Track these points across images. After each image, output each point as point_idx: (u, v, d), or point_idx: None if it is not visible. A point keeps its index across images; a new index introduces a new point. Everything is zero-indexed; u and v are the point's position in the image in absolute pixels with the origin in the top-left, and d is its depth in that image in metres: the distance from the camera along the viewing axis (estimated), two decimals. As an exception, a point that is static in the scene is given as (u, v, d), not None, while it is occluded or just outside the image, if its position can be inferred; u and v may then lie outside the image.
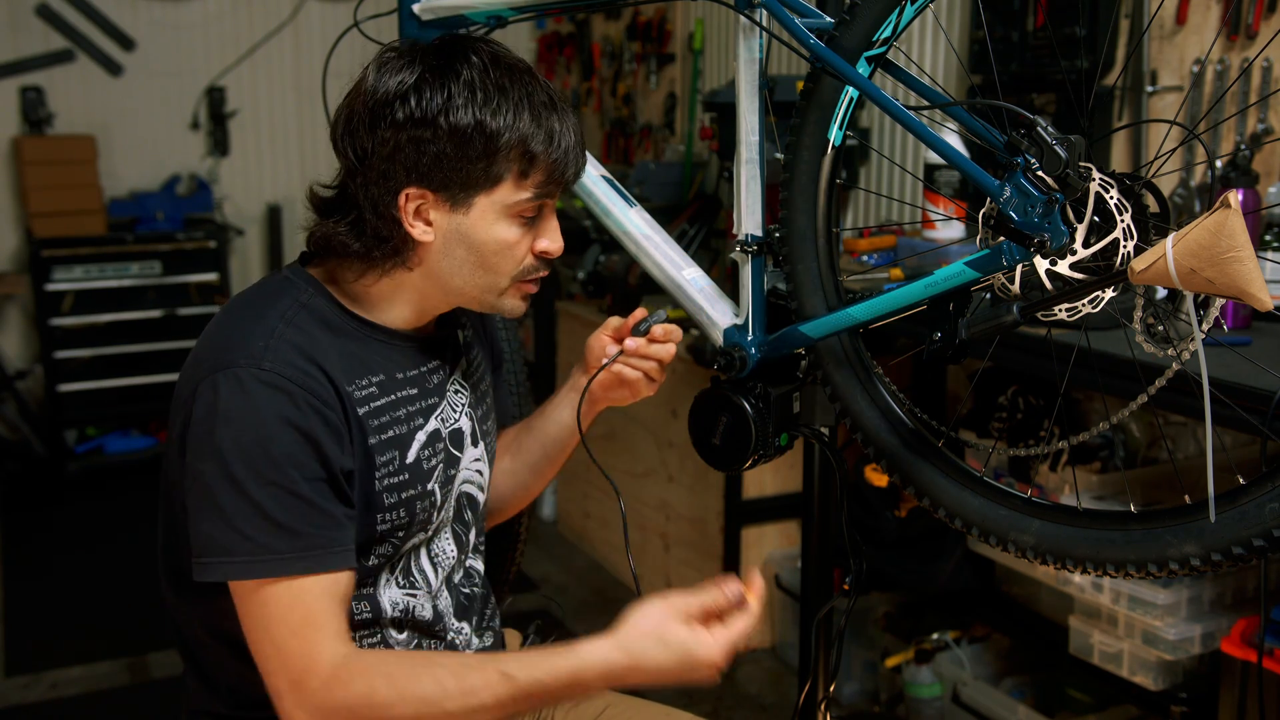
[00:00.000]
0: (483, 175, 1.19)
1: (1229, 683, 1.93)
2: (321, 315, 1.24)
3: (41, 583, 3.60)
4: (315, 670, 1.13)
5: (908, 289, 1.18)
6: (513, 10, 1.45)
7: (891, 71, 1.24)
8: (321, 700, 1.13)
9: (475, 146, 1.17)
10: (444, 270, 1.24)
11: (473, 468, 1.40)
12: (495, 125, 1.17)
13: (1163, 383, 1.11)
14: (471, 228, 1.22)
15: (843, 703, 2.87)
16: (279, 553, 1.14)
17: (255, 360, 1.16)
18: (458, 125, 1.16)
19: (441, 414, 1.34)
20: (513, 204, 1.21)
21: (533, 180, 1.21)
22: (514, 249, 1.24)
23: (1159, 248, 0.96)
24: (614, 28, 4.63)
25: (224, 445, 1.14)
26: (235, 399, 1.14)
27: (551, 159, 1.20)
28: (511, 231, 1.23)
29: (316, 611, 1.15)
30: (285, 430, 1.14)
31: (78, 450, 4.54)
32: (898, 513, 2.62)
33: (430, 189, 1.19)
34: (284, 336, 1.19)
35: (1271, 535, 1.00)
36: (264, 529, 1.13)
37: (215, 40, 4.80)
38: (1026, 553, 1.16)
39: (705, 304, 1.39)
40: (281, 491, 1.14)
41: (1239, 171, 2.04)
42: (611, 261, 3.56)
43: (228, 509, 1.14)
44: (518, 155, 1.19)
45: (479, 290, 1.26)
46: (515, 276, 1.26)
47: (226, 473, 1.13)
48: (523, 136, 1.18)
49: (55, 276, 4.29)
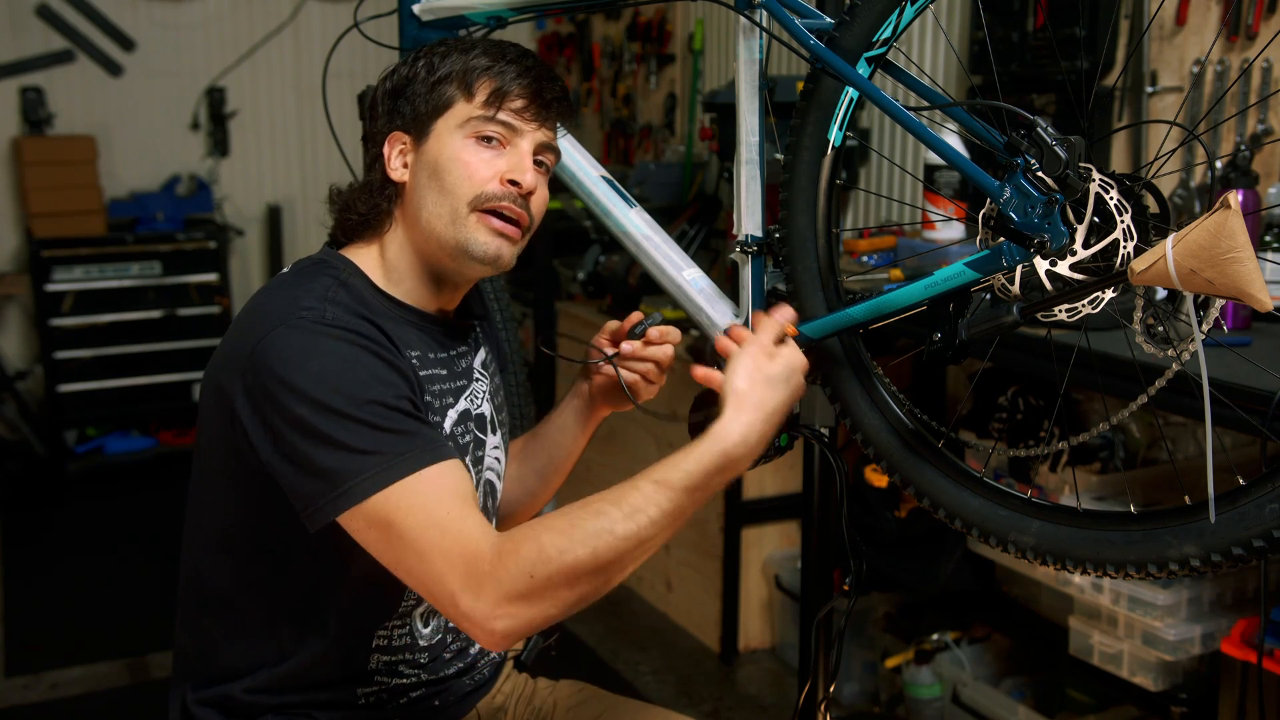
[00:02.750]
0: (434, 102, 1.28)
1: (1229, 683, 1.93)
2: (359, 294, 1.27)
3: (41, 583, 3.60)
4: (481, 553, 1.10)
5: (908, 290, 1.18)
6: (513, 11, 1.45)
7: (891, 72, 1.24)
8: (500, 577, 1.09)
9: (427, 80, 1.29)
10: (416, 205, 1.28)
11: (493, 455, 1.43)
12: (444, 63, 1.29)
13: (1163, 383, 1.11)
14: (430, 151, 1.28)
15: (843, 703, 2.87)
16: (404, 452, 1.13)
17: (316, 314, 1.19)
18: (416, 70, 1.30)
19: (470, 396, 1.37)
20: (464, 120, 1.27)
21: (478, 97, 1.27)
22: (470, 168, 1.26)
23: (1159, 248, 0.96)
24: (614, 28, 4.63)
25: (310, 383, 1.14)
26: (306, 341, 1.16)
27: (493, 75, 1.27)
28: (468, 150, 1.27)
29: (457, 505, 1.13)
30: (364, 355, 1.17)
31: (78, 450, 4.54)
32: (898, 513, 2.62)
33: (402, 130, 1.30)
34: (334, 300, 1.22)
35: (1271, 536, 1.00)
36: (383, 439, 1.13)
37: (215, 41, 4.80)
38: (1026, 553, 1.16)
39: (705, 305, 1.39)
40: (379, 407, 1.15)
41: (1239, 172, 2.04)
42: (611, 262, 3.56)
43: (339, 436, 1.13)
44: (461, 76, 1.27)
45: (443, 222, 1.27)
46: (474, 201, 1.26)
47: (325, 405, 1.13)
48: (467, 60, 1.28)
49: (55, 277, 4.29)
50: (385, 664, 1.33)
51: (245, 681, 1.30)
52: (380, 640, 1.32)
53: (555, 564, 1.08)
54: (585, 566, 1.09)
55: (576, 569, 1.09)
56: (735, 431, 1.15)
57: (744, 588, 3.10)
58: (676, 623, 3.32)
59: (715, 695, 2.96)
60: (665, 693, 2.97)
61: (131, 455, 4.60)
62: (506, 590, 1.08)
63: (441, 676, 1.39)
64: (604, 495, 1.13)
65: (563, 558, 1.08)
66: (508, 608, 1.09)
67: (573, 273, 3.79)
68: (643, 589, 3.48)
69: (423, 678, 1.37)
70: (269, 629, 1.30)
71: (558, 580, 1.09)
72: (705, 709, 2.89)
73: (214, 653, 1.33)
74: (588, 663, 3.08)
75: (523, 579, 1.08)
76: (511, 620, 1.10)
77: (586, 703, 1.52)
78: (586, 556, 1.09)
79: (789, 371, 1.20)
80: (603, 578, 1.11)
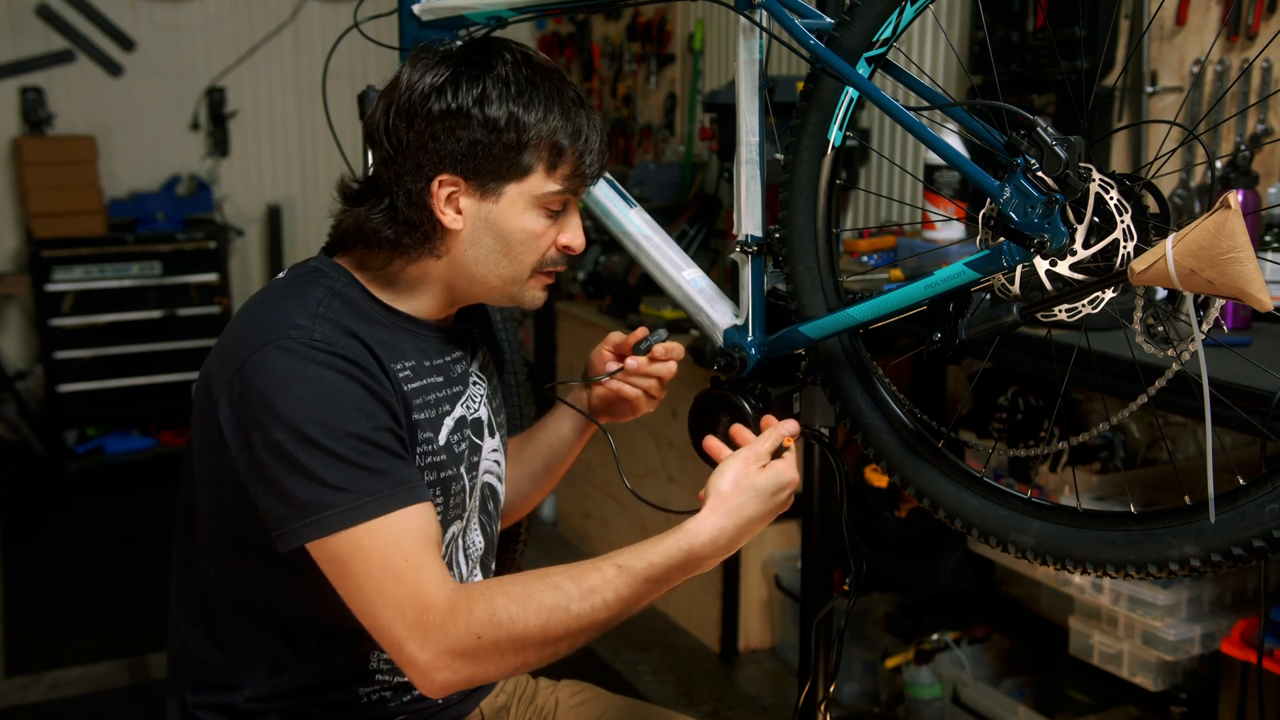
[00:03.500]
0: (514, 165, 1.22)
1: (1229, 683, 1.93)
2: (353, 304, 1.26)
3: (41, 583, 3.60)
4: (432, 606, 1.11)
5: (908, 290, 1.18)
6: (513, 11, 1.45)
7: (891, 72, 1.24)
8: (449, 631, 1.11)
9: (508, 136, 1.21)
10: (470, 259, 1.27)
11: (492, 458, 1.43)
12: (527, 118, 1.21)
13: (1163, 383, 1.11)
14: (500, 216, 1.25)
15: (843, 703, 2.87)
16: (375, 493, 1.14)
17: (305, 333, 1.17)
18: (491, 116, 1.21)
19: (466, 402, 1.37)
20: (541, 195, 1.25)
21: (561, 172, 1.25)
22: (539, 239, 1.27)
23: (1159, 248, 0.96)
24: (614, 28, 4.63)
25: (291, 409, 1.14)
26: (292, 365, 1.15)
27: (579, 153, 1.25)
28: (538, 222, 1.26)
29: (417, 551, 1.14)
30: (348, 384, 1.16)
31: (78, 450, 4.54)
32: (898, 513, 2.62)
33: (463, 177, 1.23)
34: (325, 316, 1.21)
35: (1271, 536, 1.00)
36: (355, 476, 1.13)
37: (215, 41, 4.80)
38: (1026, 553, 1.16)
39: (705, 305, 1.39)
40: (356, 440, 1.14)
41: (1239, 172, 2.04)
42: (611, 262, 3.56)
43: (311, 467, 1.13)
44: (547, 147, 1.23)
45: (502, 280, 1.28)
46: (536, 267, 1.29)
47: (301, 434, 1.13)
48: (553, 129, 1.22)
49: (55, 277, 4.29)
50: (386, 662, 1.33)
51: (245, 691, 1.30)
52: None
53: (504, 630, 1.11)
54: (533, 638, 1.12)
55: (524, 639, 1.12)
56: (705, 533, 1.16)
57: (744, 588, 3.10)
58: (676, 623, 3.33)
59: (715, 695, 2.96)
60: (665, 693, 2.97)
61: (131, 455, 4.60)
62: (453, 646, 1.11)
63: None
64: (565, 570, 1.16)
65: (513, 626, 1.11)
66: (450, 662, 1.11)
67: (572, 273, 3.79)
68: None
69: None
70: (261, 629, 1.29)
71: (504, 646, 1.12)
72: (705, 709, 2.89)
73: (209, 656, 1.32)
74: (588, 663, 3.08)
75: (470, 638, 1.11)
76: (452, 674, 1.13)
77: (587, 702, 1.53)
78: (536, 629, 1.11)
79: (776, 486, 1.20)
80: (549, 650, 1.14)
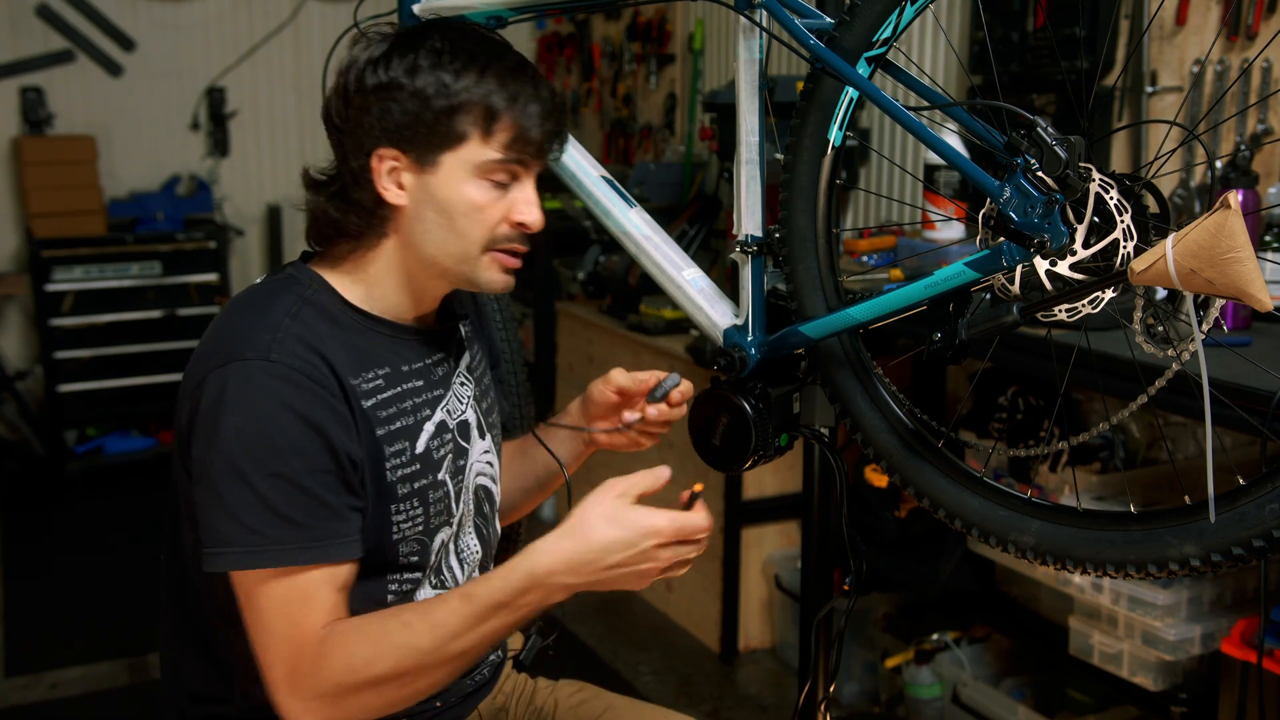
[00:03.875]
0: (448, 132, 1.20)
1: (1229, 683, 1.93)
2: (325, 310, 1.25)
3: (41, 583, 3.60)
4: (306, 653, 1.15)
5: (908, 289, 1.18)
6: (513, 10, 1.45)
7: (891, 72, 1.23)
8: (314, 680, 1.14)
9: (438, 103, 1.19)
10: (418, 237, 1.25)
11: (483, 460, 1.42)
12: (457, 84, 1.20)
13: (1163, 383, 1.11)
14: (440, 188, 1.22)
15: (843, 703, 2.87)
16: (281, 543, 1.15)
17: (262, 353, 1.17)
18: (420, 85, 1.20)
19: (448, 405, 1.35)
20: (480, 164, 1.22)
21: (498, 139, 1.21)
22: (483, 212, 1.23)
23: (1159, 248, 0.96)
24: (614, 28, 4.63)
25: (229, 436, 1.15)
26: (242, 390, 1.16)
27: (516, 117, 1.21)
28: (480, 192, 1.23)
29: (314, 601, 1.16)
30: (291, 420, 1.15)
31: (78, 451, 4.54)
32: (898, 513, 2.62)
33: (400, 149, 1.22)
34: (289, 330, 1.20)
35: (1271, 536, 1.00)
36: (266, 520, 1.14)
37: (215, 41, 4.80)
38: (1026, 553, 1.16)
39: (705, 304, 1.39)
40: (284, 482, 1.15)
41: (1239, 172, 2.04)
42: (611, 262, 3.56)
43: (231, 499, 1.15)
44: (480, 112, 1.20)
45: (452, 259, 1.25)
46: (487, 244, 1.25)
47: (232, 464, 1.14)
48: (485, 93, 1.20)
49: (55, 277, 4.29)
50: None
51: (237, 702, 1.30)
52: None
53: (362, 674, 1.14)
54: (388, 677, 1.14)
55: (380, 679, 1.14)
56: (547, 560, 1.14)
57: (744, 588, 3.10)
58: (676, 623, 3.32)
59: (715, 695, 2.96)
60: (665, 693, 2.97)
61: (131, 455, 4.60)
62: (318, 693, 1.14)
63: None
64: (416, 606, 1.18)
65: (370, 669, 1.13)
66: (315, 706, 1.15)
67: (572, 273, 3.79)
68: (643, 590, 3.48)
69: None
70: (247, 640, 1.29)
71: (363, 688, 1.14)
72: (705, 709, 2.89)
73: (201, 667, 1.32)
74: (588, 663, 3.08)
75: (332, 685, 1.14)
76: (316, 717, 1.15)
77: (587, 702, 1.53)
78: (390, 668, 1.13)
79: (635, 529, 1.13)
80: (409, 689, 1.15)
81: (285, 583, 1.16)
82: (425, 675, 1.15)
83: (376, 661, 1.13)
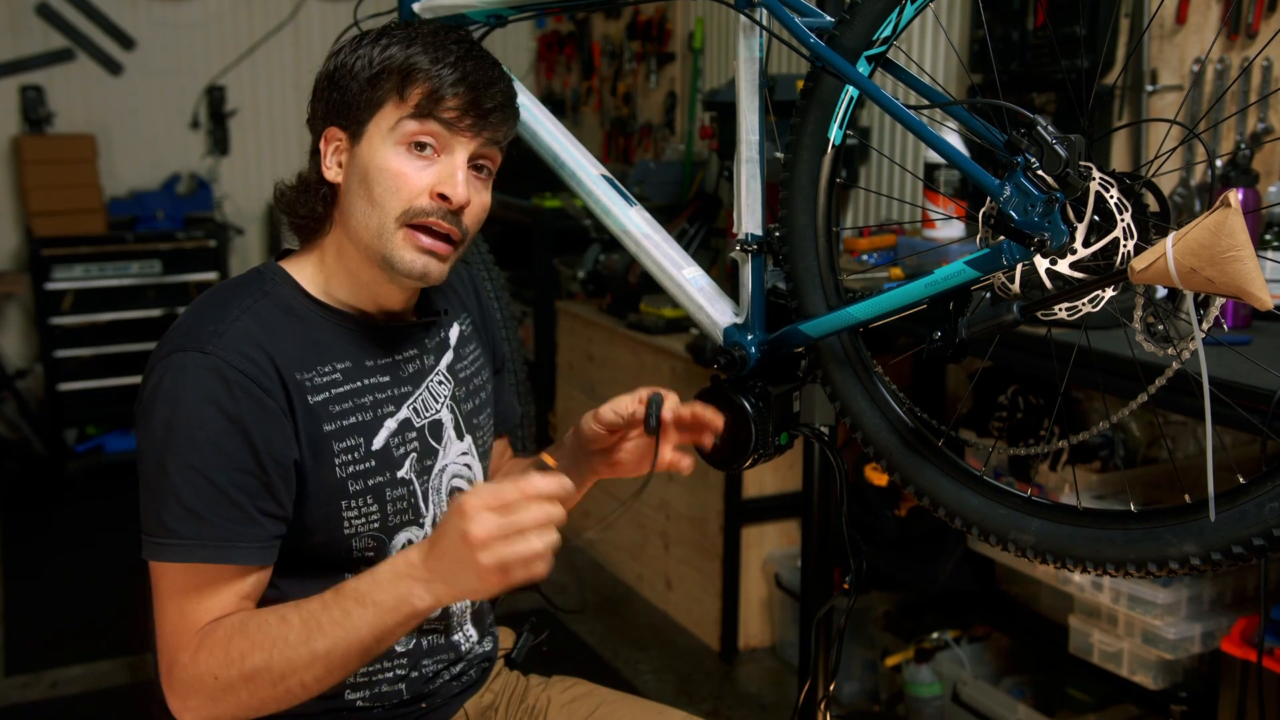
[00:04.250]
0: (370, 99, 1.22)
1: (1229, 682, 1.93)
2: (286, 303, 1.26)
3: (41, 582, 3.60)
4: (186, 645, 1.16)
5: (908, 288, 1.18)
6: (512, 9, 1.45)
7: (892, 71, 1.23)
8: (192, 673, 1.15)
9: (366, 73, 1.22)
10: (348, 212, 1.25)
11: (460, 461, 1.40)
12: (383, 55, 1.22)
13: (1163, 382, 1.11)
14: (362, 154, 1.23)
15: (843, 702, 2.87)
16: (183, 538, 1.16)
17: (201, 345, 1.18)
18: (355, 60, 1.23)
19: (416, 404, 1.34)
20: (396, 126, 1.21)
21: (410, 100, 1.20)
22: (400, 180, 1.21)
23: (1159, 247, 0.96)
24: (614, 27, 4.63)
25: (156, 425, 1.17)
26: (175, 381, 1.17)
27: (429, 78, 1.20)
28: (399, 159, 1.21)
29: (208, 599, 1.17)
30: (214, 415, 1.16)
31: (78, 449, 4.54)
32: (898, 512, 2.62)
33: (339, 126, 1.25)
34: (238, 323, 1.21)
35: (1271, 534, 1.00)
36: (175, 512, 1.16)
37: (215, 39, 4.80)
38: (1026, 552, 1.16)
39: (705, 303, 1.39)
40: (197, 476, 1.16)
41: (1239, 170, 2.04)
42: (611, 260, 3.56)
43: (150, 488, 1.18)
44: (397, 73, 1.21)
45: (369, 233, 1.23)
46: (402, 216, 1.21)
47: (155, 453, 1.17)
48: (405, 57, 1.21)
49: (55, 275, 4.29)
50: (363, 675, 1.32)
51: None
52: None
53: (235, 669, 1.13)
54: (259, 671, 1.12)
55: (253, 675, 1.13)
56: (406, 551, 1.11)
57: (744, 586, 3.10)
58: (676, 621, 3.33)
59: (715, 694, 2.96)
60: (665, 691, 2.97)
61: (131, 454, 4.53)
62: (195, 687, 1.15)
63: (426, 676, 1.37)
64: (297, 602, 1.16)
65: (243, 661, 1.13)
66: (193, 702, 1.15)
67: (573, 271, 3.79)
68: (643, 588, 3.48)
69: (403, 690, 1.35)
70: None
71: (237, 683, 1.13)
72: (705, 708, 2.89)
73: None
74: (588, 661, 3.08)
75: (209, 679, 1.14)
76: (195, 714, 1.16)
77: (580, 699, 1.51)
78: (261, 662, 1.12)
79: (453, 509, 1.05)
80: (282, 687, 1.13)
81: (184, 577, 1.17)
82: (295, 672, 1.12)
83: (250, 654, 1.12)
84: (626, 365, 3.36)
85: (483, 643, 1.45)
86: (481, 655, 1.45)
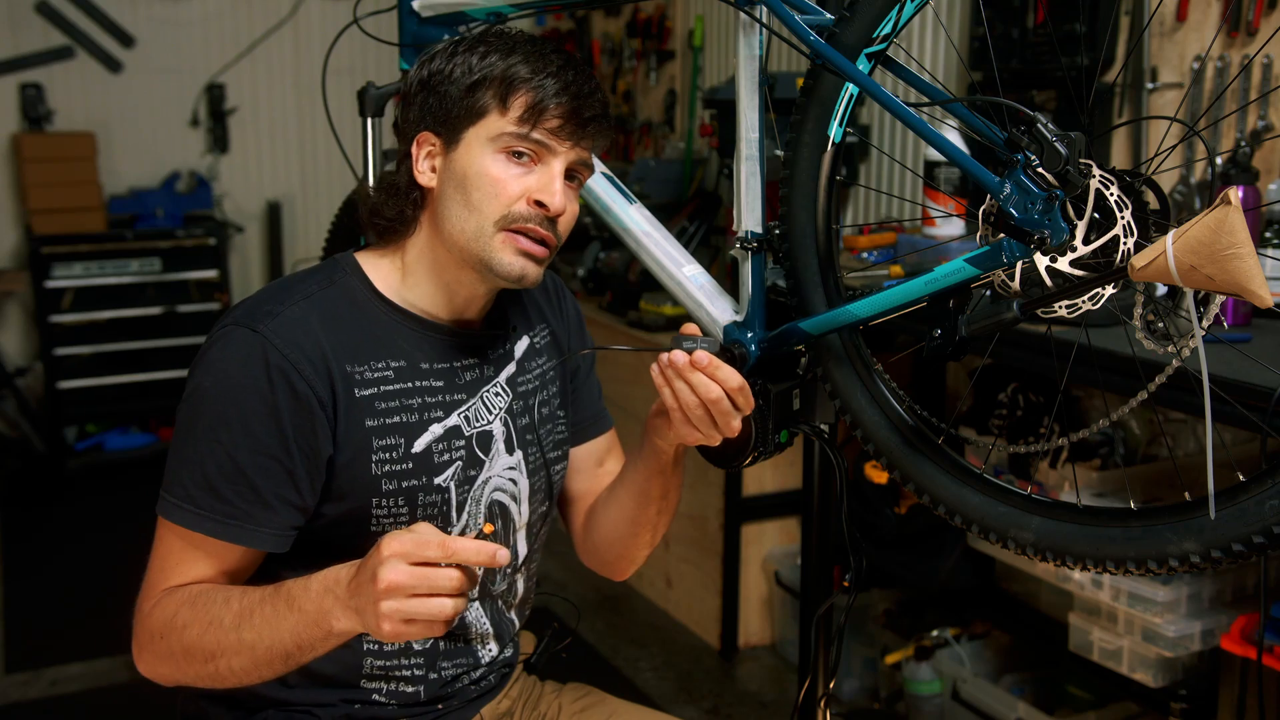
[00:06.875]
0: (470, 108, 1.23)
1: (1229, 680, 1.93)
2: (351, 295, 1.28)
3: (41, 580, 3.60)
4: (150, 597, 1.22)
5: (908, 286, 1.18)
6: (513, 7, 1.45)
7: (892, 68, 1.23)
8: (144, 625, 1.20)
9: (465, 80, 1.23)
10: (442, 216, 1.26)
11: (505, 475, 1.38)
12: (483, 63, 1.23)
13: (1163, 380, 1.11)
14: (461, 161, 1.24)
15: (842, 699, 2.87)
16: (196, 506, 1.19)
17: (254, 322, 1.20)
18: (453, 68, 1.24)
19: (468, 412, 1.33)
20: (497, 136, 1.22)
21: (513, 111, 1.22)
22: (499, 186, 1.22)
23: (1159, 244, 0.96)
24: (614, 24, 4.62)
25: (196, 392, 1.20)
26: (221, 353, 1.20)
27: (531, 89, 1.21)
28: (499, 166, 1.23)
29: (193, 565, 1.21)
30: (249, 396, 1.18)
31: (77, 447, 4.54)
32: (898, 510, 2.62)
33: (434, 132, 1.26)
34: (296, 308, 1.23)
35: (1271, 532, 1.00)
36: (194, 480, 1.19)
37: (215, 37, 4.79)
38: (1026, 550, 1.16)
39: (705, 301, 1.39)
40: (222, 451, 1.18)
41: (1239, 168, 2.04)
42: (611, 258, 3.56)
43: (179, 447, 1.21)
44: (498, 83, 1.22)
45: (466, 237, 1.24)
46: (501, 220, 1.22)
47: (189, 416, 1.20)
48: (508, 67, 1.22)
49: (55, 273, 4.29)
50: (380, 669, 1.32)
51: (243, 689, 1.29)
52: (370, 644, 1.31)
53: (176, 635, 1.17)
54: (194, 647, 1.16)
55: (189, 648, 1.17)
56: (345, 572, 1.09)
57: (744, 584, 3.11)
58: (676, 619, 3.33)
59: (715, 692, 2.96)
60: (665, 689, 2.97)
61: (131, 452, 4.60)
62: (143, 641, 1.21)
63: (444, 679, 1.36)
64: (245, 589, 1.18)
65: (184, 632, 1.17)
66: (141, 654, 1.22)
67: (573, 269, 3.79)
68: (643, 586, 3.48)
69: (421, 691, 1.35)
70: None
71: (176, 650, 1.18)
72: (705, 706, 2.89)
73: None
74: (588, 660, 3.08)
75: (156, 636, 1.19)
76: (144, 666, 1.23)
77: (591, 708, 1.50)
78: (196, 638, 1.16)
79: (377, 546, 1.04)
80: (211, 666, 1.16)
81: (181, 540, 1.20)
82: (223, 655, 1.15)
83: (190, 626, 1.16)
84: (626, 363, 3.36)
85: (504, 651, 1.44)
86: (502, 661, 1.44)
